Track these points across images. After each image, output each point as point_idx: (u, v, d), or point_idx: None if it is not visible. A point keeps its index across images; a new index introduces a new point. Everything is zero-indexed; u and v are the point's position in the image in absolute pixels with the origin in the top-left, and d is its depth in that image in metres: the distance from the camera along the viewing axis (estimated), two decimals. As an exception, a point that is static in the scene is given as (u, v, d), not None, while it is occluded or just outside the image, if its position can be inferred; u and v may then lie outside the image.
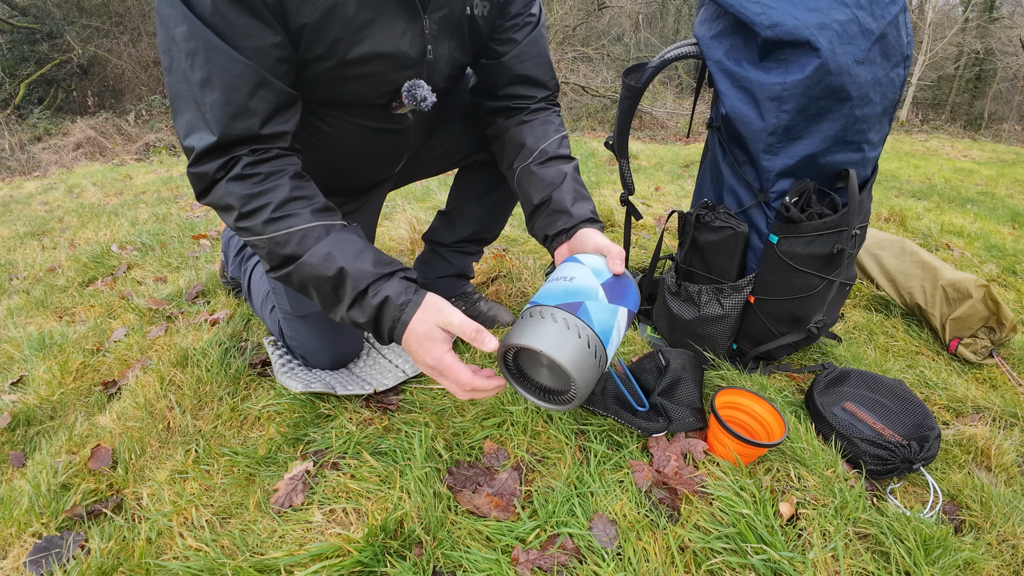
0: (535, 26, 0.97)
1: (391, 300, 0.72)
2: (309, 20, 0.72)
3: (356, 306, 0.73)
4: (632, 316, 0.76)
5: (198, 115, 0.70)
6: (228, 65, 0.68)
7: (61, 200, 3.53)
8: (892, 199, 3.55)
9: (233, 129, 0.70)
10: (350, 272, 0.72)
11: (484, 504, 0.86)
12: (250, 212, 0.72)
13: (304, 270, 0.73)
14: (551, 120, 1.02)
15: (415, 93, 0.86)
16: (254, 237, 0.74)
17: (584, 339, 0.67)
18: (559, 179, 0.93)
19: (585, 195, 0.94)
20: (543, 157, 0.97)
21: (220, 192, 0.72)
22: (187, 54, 0.67)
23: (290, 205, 0.73)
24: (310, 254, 0.72)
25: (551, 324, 0.67)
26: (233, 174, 0.71)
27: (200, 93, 0.68)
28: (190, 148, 0.71)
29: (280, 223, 0.73)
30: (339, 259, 0.72)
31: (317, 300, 0.77)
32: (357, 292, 0.72)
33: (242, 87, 0.69)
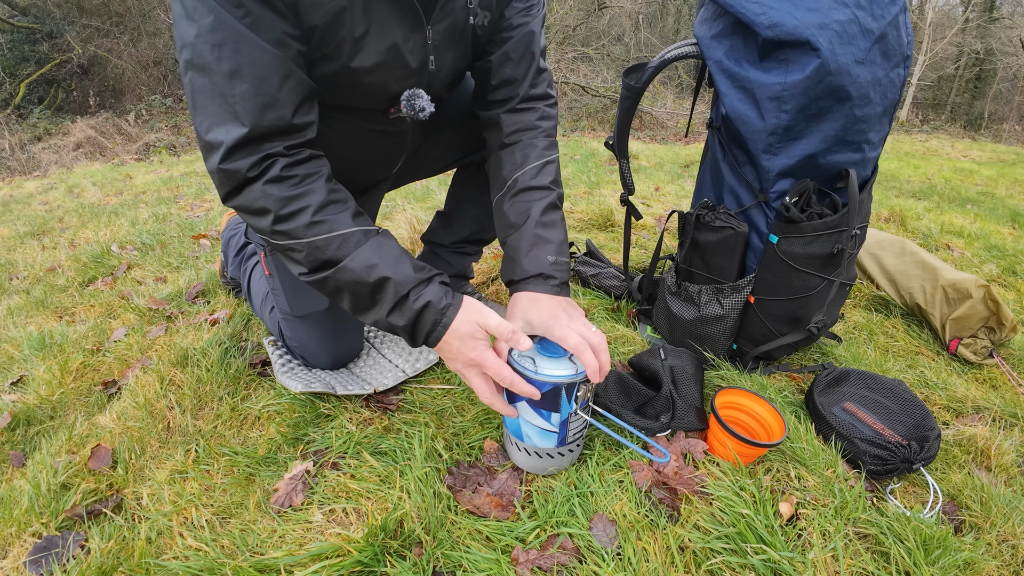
0: (527, 26, 0.94)
1: (432, 304, 0.75)
2: (318, 23, 0.72)
3: (396, 311, 0.75)
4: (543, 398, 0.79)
5: (225, 108, 0.68)
6: (258, 55, 0.67)
7: (61, 200, 3.53)
8: (892, 199, 3.55)
9: (264, 120, 0.69)
10: (392, 278, 0.74)
11: (484, 504, 0.86)
12: (289, 215, 0.72)
13: (343, 275, 0.74)
14: (536, 141, 0.95)
15: (414, 103, 0.86)
16: (292, 241, 0.73)
17: (523, 452, 0.88)
18: (522, 219, 0.89)
19: (546, 238, 0.87)
20: (515, 189, 0.92)
21: (254, 194, 0.71)
22: (213, 45, 0.65)
23: (328, 209, 0.74)
24: (351, 259, 0.73)
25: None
26: (271, 176, 0.70)
27: (228, 84, 0.67)
28: (216, 143, 0.69)
29: (320, 227, 0.73)
30: (381, 265, 0.74)
31: (349, 304, 0.77)
32: (399, 297, 0.74)
33: (272, 77, 0.68)
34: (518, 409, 0.83)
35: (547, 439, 0.85)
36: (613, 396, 1.06)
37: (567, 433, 0.85)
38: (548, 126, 0.99)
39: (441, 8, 0.82)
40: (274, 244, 0.75)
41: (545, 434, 0.84)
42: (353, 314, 0.79)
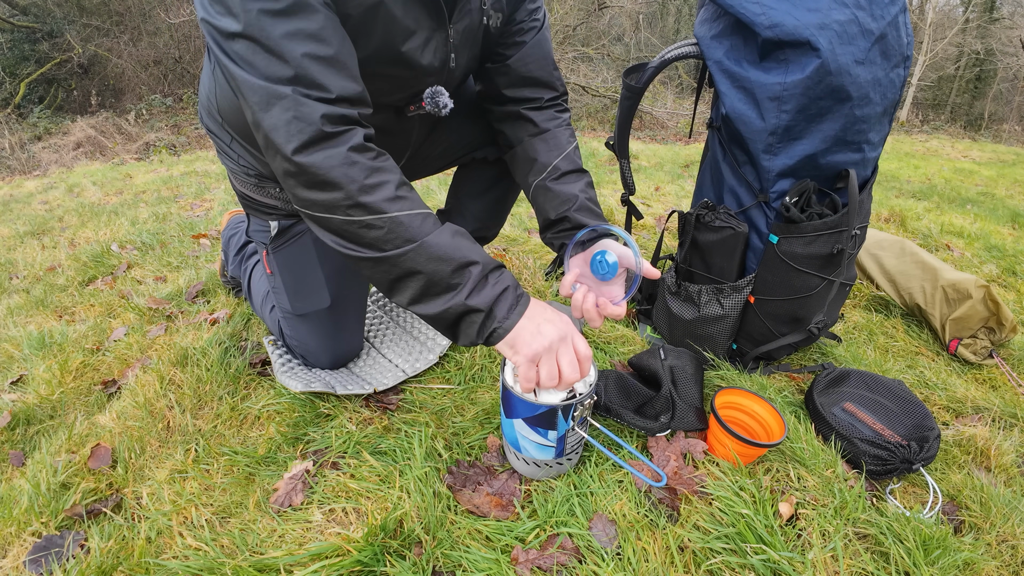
0: (539, 29, 0.98)
1: (511, 289, 0.75)
2: (353, 12, 0.72)
3: (476, 292, 0.72)
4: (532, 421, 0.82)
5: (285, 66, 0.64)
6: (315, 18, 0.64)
7: (61, 199, 3.53)
8: (892, 199, 3.55)
9: (329, 79, 0.67)
10: (479, 260, 0.72)
11: (484, 504, 0.86)
12: (373, 186, 0.68)
13: (428, 251, 0.70)
14: (561, 131, 1.03)
15: (438, 100, 0.88)
16: (372, 216, 0.69)
17: (521, 461, 0.89)
18: (573, 199, 0.96)
19: (599, 213, 0.97)
20: (556, 173, 0.99)
21: (336, 159, 0.66)
22: (262, 13, 0.62)
23: (405, 188, 0.72)
24: (434, 237, 0.71)
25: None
26: (353, 143, 0.67)
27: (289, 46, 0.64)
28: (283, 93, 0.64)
29: (403, 203, 0.70)
30: (466, 245, 0.73)
31: (417, 288, 0.72)
32: (481, 277, 0.72)
33: (332, 39, 0.67)
34: (515, 426, 0.84)
35: (545, 452, 0.85)
36: (613, 396, 1.06)
37: (564, 447, 0.85)
38: (567, 117, 1.07)
39: (461, 9, 0.84)
40: (347, 220, 0.69)
41: (543, 448, 0.85)
42: (412, 304, 0.74)
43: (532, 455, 0.86)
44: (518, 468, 0.92)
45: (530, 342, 0.72)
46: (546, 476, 0.91)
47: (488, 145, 1.20)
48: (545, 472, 0.90)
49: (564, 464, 0.89)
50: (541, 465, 0.88)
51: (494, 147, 1.19)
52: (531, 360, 0.73)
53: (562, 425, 0.81)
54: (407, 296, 0.74)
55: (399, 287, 0.74)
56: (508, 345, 0.74)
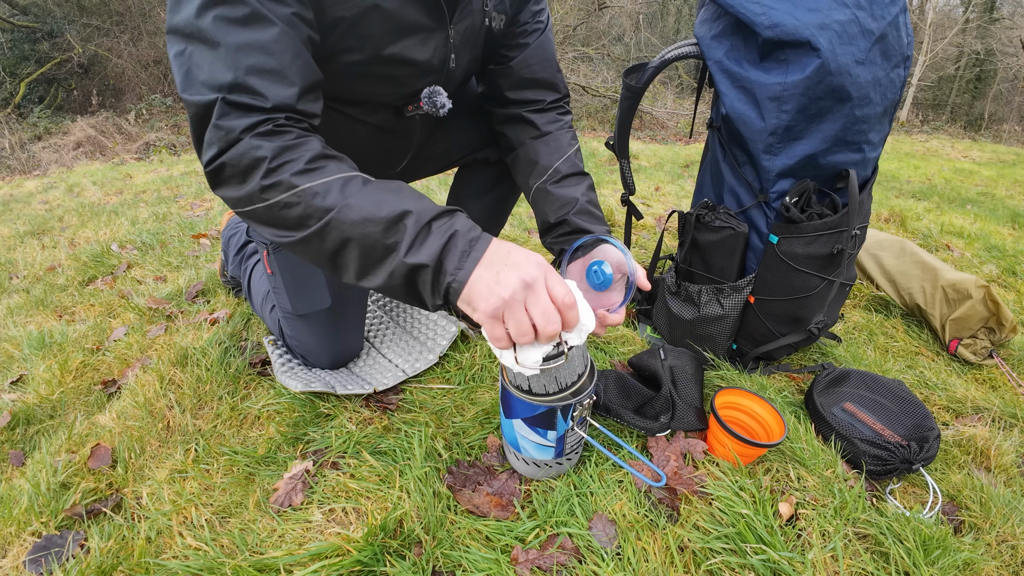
0: (543, 31, 0.99)
1: (460, 233, 0.63)
2: (347, 14, 0.71)
3: (416, 246, 0.62)
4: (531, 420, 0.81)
5: (229, 75, 0.62)
6: (267, 30, 0.63)
7: (61, 199, 3.53)
8: (892, 199, 3.55)
9: (269, 91, 0.64)
10: (412, 209, 0.62)
11: (484, 504, 0.86)
12: (280, 165, 0.63)
13: (349, 214, 0.62)
14: (563, 134, 1.03)
15: (435, 100, 0.88)
16: (285, 194, 0.63)
17: (521, 461, 0.89)
18: (573, 203, 0.95)
19: (599, 216, 0.96)
20: (557, 176, 0.99)
21: (242, 148, 0.62)
22: (219, 19, 0.61)
23: (324, 159, 0.65)
24: (357, 197, 0.63)
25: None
26: (264, 130, 0.63)
27: (235, 57, 0.62)
28: (212, 101, 0.62)
29: (316, 173, 0.63)
30: (393, 198, 0.63)
31: (357, 259, 0.64)
32: (419, 229, 0.62)
33: (282, 54, 0.64)
34: (514, 426, 0.84)
35: (544, 452, 0.85)
36: (613, 396, 1.06)
37: (564, 446, 0.85)
38: (569, 120, 1.07)
39: (462, 9, 0.84)
40: (266, 205, 0.65)
41: (542, 448, 0.85)
42: (359, 278, 0.66)
43: (532, 455, 0.86)
44: (518, 468, 0.92)
45: (487, 295, 0.60)
46: (546, 476, 0.91)
47: (490, 146, 1.20)
48: (545, 472, 0.90)
49: (564, 464, 0.89)
50: (541, 465, 0.88)
51: (495, 148, 1.19)
52: (493, 316, 0.61)
53: (561, 425, 0.81)
54: (352, 272, 0.66)
55: (340, 264, 0.66)
56: (465, 302, 0.62)
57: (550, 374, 0.73)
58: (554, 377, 0.75)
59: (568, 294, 0.63)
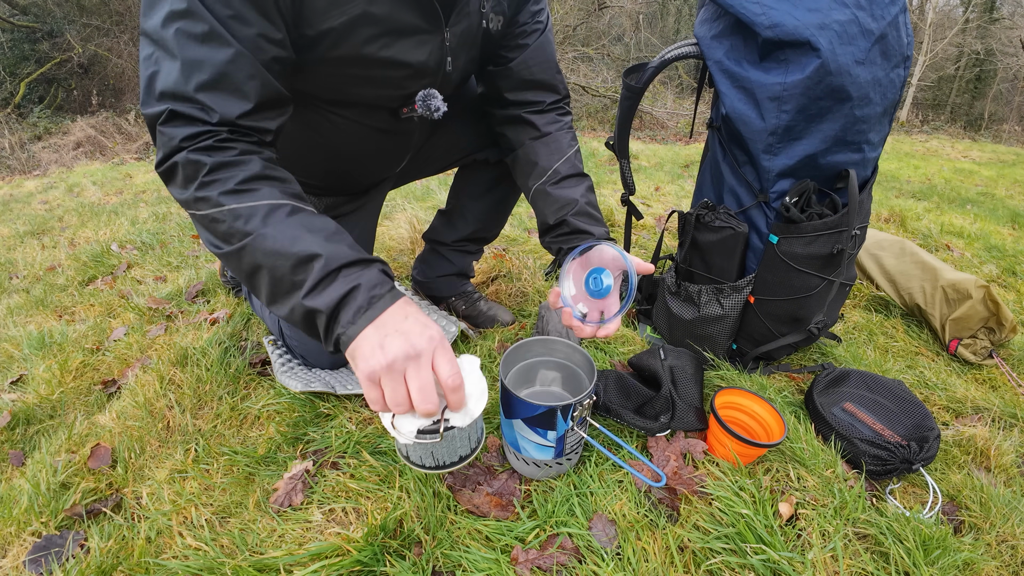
0: (542, 32, 0.98)
1: (361, 288, 0.63)
2: (335, 24, 0.72)
3: (317, 290, 0.62)
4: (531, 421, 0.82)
5: (181, 88, 0.64)
6: (225, 52, 0.64)
7: (61, 199, 3.53)
8: (892, 200, 3.55)
9: (217, 106, 0.65)
10: (322, 252, 0.63)
11: (484, 504, 0.86)
12: (212, 181, 0.64)
13: (263, 244, 0.63)
14: (563, 135, 1.03)
15: (429, 103, 0.88)
16: (211, 209, 0.64)
17: (521, 461, 0.89)
18: (572, 204, 0.95)
19: (598, 218, 0.96)
20: (556, 177, 0.99)
21: (183, 158, 0.64)
22: (178, 32, 0.63)
23: (259, 181, 0.66)
24: (274, 228, 0.63)
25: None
26: (202, 145, 0.64)
27: (188, 71, 0.63)
28: (162, 110, 0.64)
29: (245, 196, 0.64)
30: (308, 237, 0.63)
31: (266, 286, 0.65)
32: (325, 274, 0.62)
33: (236, 75, 0.65)
34: (514, 426, 0.84)
35: (544, 452, 0.85)
36: (613, 396, 1.06)
37: (564, 447, 0.85)
38: (569, 120, 1.07)
39: (459, 12, 0.83)
40: (197, 216, 0.67)
41: (542, 448, 0.85)
42: (269, 304, 0.67)
43: (532, 455, 0.86)
44: (518, 468, 0.92)
45: (368, 356, 0.60)
46: (546, 476, 0.91)
47: (490, 147, 1.20)
48: (545, 472, 0.90)
49: (564, 464, 0.89)
50: (541, 465, 0.88)
51: (496, 149, 1.19)
52: (368, 378, 0.60)
53: (561, 425, 0.81)
54: (263, 296, 0.67)
55: (254, 285, 0.67)
56: (350, 356, 0.62)
57: (426, 448, 0.69)
58: (431, 452, 0.70)
59: (455, 375, 0.62)
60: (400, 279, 1.67)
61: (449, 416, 0.64)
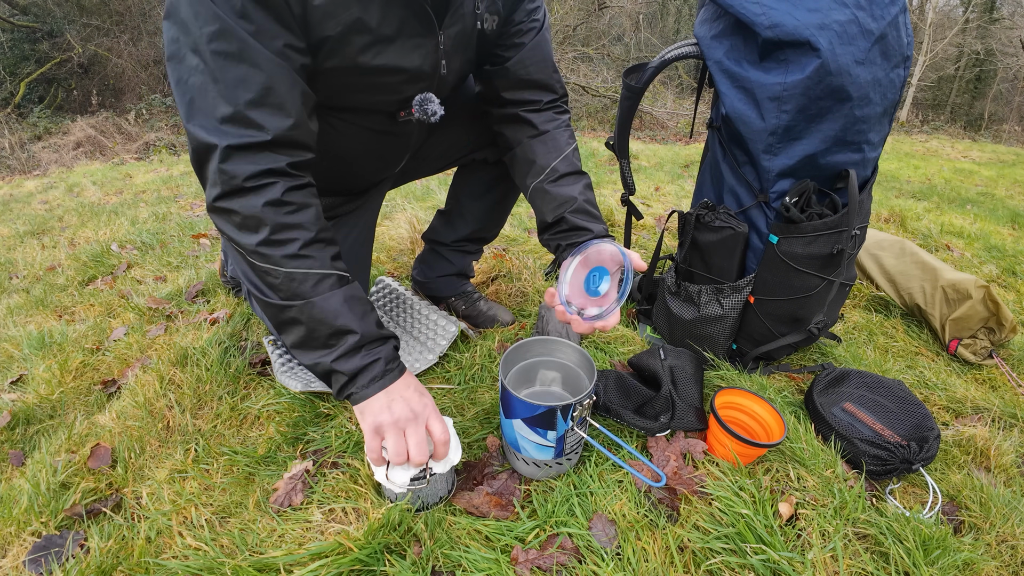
0: (539, 31, 0.98)
1: (380, 362, 0.78)
2: (332, 32, 0.73)
3: (345, 358, 0.77)
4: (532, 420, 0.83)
5: (229, 112, 0.68)
6: (264, 65, 0.67)
7: (61, 199, 3.53)
8: (892, 200, 3.55)
9: (270, 125, 0.70)
10: (358, 331, 0.77)
11: (483, 503, 0.86)
12: (277, 242, 0.73)
13: (311, 311, 0.75)
14: (560, 133, 1.03)
15: (426, 107, 0.88)
16: (269, 265, 0.74)
17: (521, 461, 0.90)
18: (571, 202, 0.96)
19: (596, 215, 0.97)
20: (554, 175, 0.99)
21: (250, 209, 0.71)
22: (216, 54, 0.65)
23: (315, 247, 0.76)
24: (323, 299, 0.75)
25: None
26: (270, 198, 0.71)
27: (233, 92, 0.67)
28: (213, 144, 0.68)
29: (303, 261, 0.74)
30: (349, 314, 0.77)
31: (298, 337, 0.77)
32: (355, 346, 0.77)
33: (279, 87, 0.69)
34: (514, 426, 0.84)
35: (544, 452, 0.85)
36: (613, 396, 1.06)
37: (564, 447, 0.85)
38: (567, 119, 1.07)
39: (452, 14, 0.83)
40: (251, 262, 0.75)
41: (542, 448, 0.85)
42: (292, 347, 0.79)
43: (531, 455, 0.86)
44: (518, 468, 0.92)
45: (376, 413, 0.76)
46: (546, 476, 0.91)
47: (489, 147, 1.20)
48: (545, 472, 0.90)
49: (564, 464, 0.89)
50: (541, 465, 0.88)
51: (494, 148, 1.19)
52: (373, 430, 0.76)
53: (561, 425, 0.81)
54: (290, 340, 0.79)
55: (284, 330, 0.79)
56: (359, 411, 0.78)
57: (416, 493, 0.82)
58: (419, 496, 0.82)
59: (444, 432, 0.79)
60: (400, 279, 1.67)
61: (432, 465, 0.80)
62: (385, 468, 0.80)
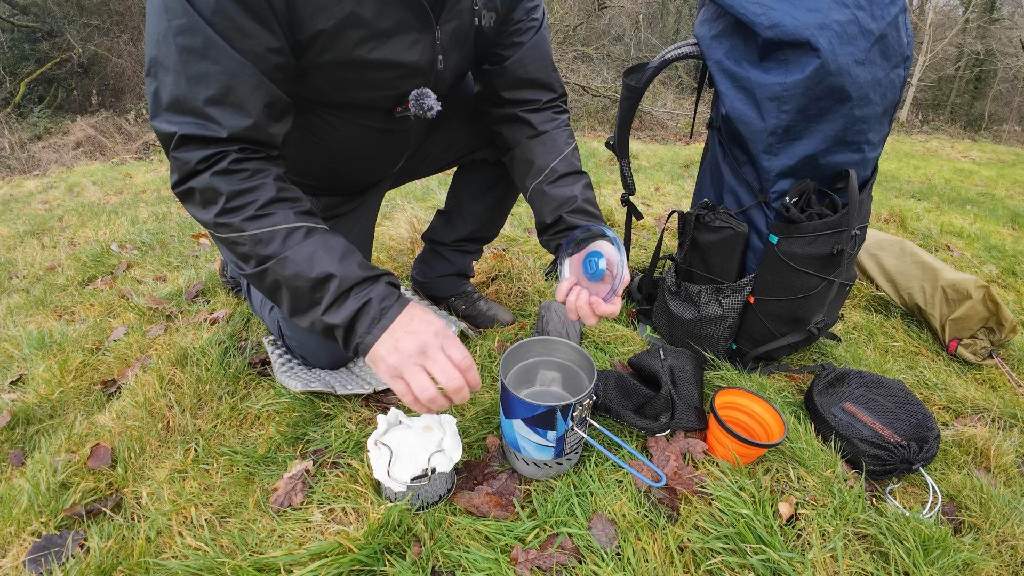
0: (538, 30, 0.98)
1: (373, 302, 0.72)
2: (325, 26, 0.72)
3: (334, 307, 0.72)
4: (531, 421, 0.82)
5: (186, 106, 0.67)
6: (227, 64, 0.66)
7: (61, 199, 3.53)
8: (892, 200, 3.55)
9: (223, 122, 0.68)
10: (337, 273, 0.71)
11: (483, 503, 0.86)
12: (233, 208, 0.70)
13: (284, 268, 0.71)
14: (559, 133, 1.03)
15: (422, 103, 0.88)
16: (235, 234, 0.71)
17: (521, 461, 0.90)
18: (570, 202, 0.96)
19: (595, 214, 0.96)
20: (553, 176, 0.99)
21: (201, 183, 0.69)
22: (181, 48, 0.65)
23: (275, 205, 0.72)
24: (293, 251, 0.71)
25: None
26: (218, 168, 0.69)
27: (191, 88, 0.66)
28: (170, 132, 0.68)
29: (264, 220, 0.71)
30: (324, 259, 0.72)
31: (287, 302, 0.74)
32: (340, 292, 0.71)
33: (240, 87, 0.68)
34: (514, 426, 0.84)
35: (544, 452, 0.85)
36: (613, 396, 1.06)
37: (564, 447, 0.85)
38: (566, 118, 1.07)
39: (449, 9, 0.83)
40: (218, 237, 0.73)
41: (542, 448, 0.85)
42: (290, 316, 0.76)
43: (531, 455, 0.86)
44: (518, 468, 0.92)
45: (386, 356, 0.71)
46: (546, 476, 0.91)
47: (488, 146, 1.20)
48: (545, 472, 0.90)
49: (564, 464, 0.89)
50: (540, 465, 0.88)
51: (494, 148, 1.19)
52: (392, 375, 0.71)
53: (561, 425, 0.81)
54: (284, 308, 0.76)
55: (275, 299, 0.76)
56: (371, 361, 0.73)
57: (416, 491, 0.81)
58: (418, 495, 0.82)
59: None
60: (400, 279, 1.67)
61: (434, 463, 0.80)
62: (387, 465, 0.80)
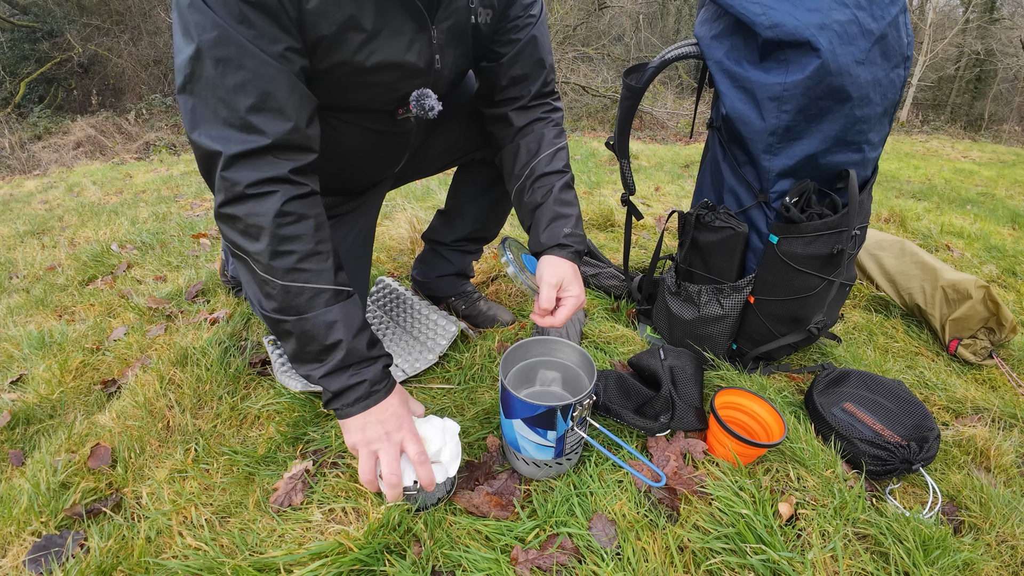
0: (534, 26, 0.97)
1: (365, 384, 0.80)
2: (327, 32, 0.73)
3: (333, 375, 0.79)
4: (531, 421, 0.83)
5: (230, 119, 0.69)
6: (263, 69, 0.68)
7: (61, 199, 3.53)
8: (892, 200, 3.55)
9: (270, 130, 0.70)
10: (347, 348, 0.78)
11: (483, 503, 0.86)
12: (276, 254, 0.74)
13: (304, 326, 0.77)
14: (545, 131, 1.03)
15: (423, 103, 0.88)
16: (267, 276, 0.75)
17: (521, 461, 0.90)
18: (543, 200, 0.98)
19: (564, 214, 0.97)
20: (533, 176, 1.00)
21: (251, 216, 0.72)
22: (217, 61, 0.66)
23: (312, 260, 0.76)
24: (315, 315, 0.77)
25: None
26: (269, 208, 0.72)
27: (233, 97, 0.67)
28: (216, 152, 0.69)
29: (299, 275, 0.75)
30: (341, 331, 0.78)
31: (292, 348, 0.80)
32: (343, 364, 0.79)
33: (278, 91, 0.70)
34: (514, 426, 0.84)
35: (544, 452, 0.85)
36: (613, 396, 1.06)
37: (564, 447, 0.85)
38: (557, 117, 1.06)
39: (445, 8, 0.83)
40: (251, 268, 0.77)
41: (542, 448, 0.85)
42: (290, 360, 0.83)
43: (531, 455, 0.86)
44: (518, 468, 0.92)
45: (352, 432, 0.80)
46: (546, 476, 0.91)
47: (487, 146, 1.20)
48: (545, 472, 0.90)
49: (564, 464, 0.89)
50: (541, 465, 0.88)
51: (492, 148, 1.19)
52: (351, 447, 0.81)
53: (561, 425, 0.81)
54: (287, 349, 0.82)
55: (281, 339, 0.81)
56: (343, 427, 0.82)
57: (412, 496, 0.83)
58: (416, 498, 0.84)
59: (421, 453, 0.80)
60: (400, 279, 1.67)
61: (419, 479, 0.81)
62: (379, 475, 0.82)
